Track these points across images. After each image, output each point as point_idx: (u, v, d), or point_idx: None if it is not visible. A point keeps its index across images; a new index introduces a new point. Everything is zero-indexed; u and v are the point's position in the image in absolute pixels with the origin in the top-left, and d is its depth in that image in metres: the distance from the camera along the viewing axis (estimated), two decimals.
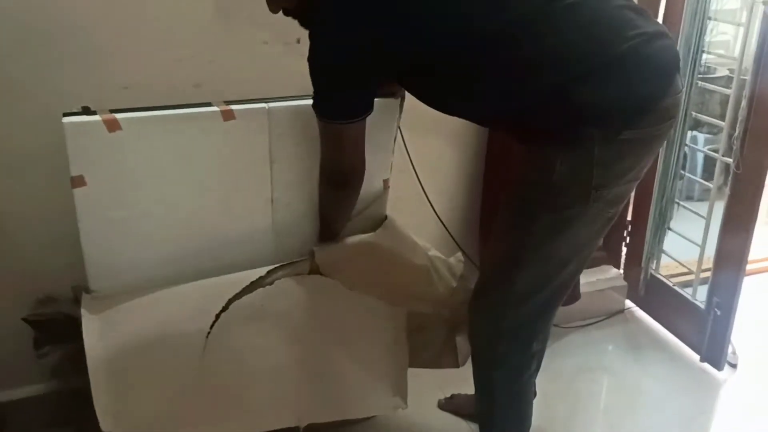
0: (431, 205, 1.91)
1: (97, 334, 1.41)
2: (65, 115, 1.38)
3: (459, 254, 1.70)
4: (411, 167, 1.84)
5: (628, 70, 1.24)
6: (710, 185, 2.19)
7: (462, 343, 1.70)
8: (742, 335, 2.21)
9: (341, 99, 1.36)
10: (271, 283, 1.51)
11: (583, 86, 1.24)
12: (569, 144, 1.28)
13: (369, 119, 1.43)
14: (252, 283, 1.49)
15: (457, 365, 1.73)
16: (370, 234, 1.60)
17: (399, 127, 1.70)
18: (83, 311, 1.43)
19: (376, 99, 1.46)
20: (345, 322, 1.61)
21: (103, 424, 1.33)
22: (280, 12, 1.42)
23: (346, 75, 1.33)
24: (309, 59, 1.33)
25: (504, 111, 1.35)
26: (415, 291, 1.62)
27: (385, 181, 1.69)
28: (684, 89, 1.36)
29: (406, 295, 1.62)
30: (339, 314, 1.60)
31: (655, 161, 2.24)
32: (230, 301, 1.46)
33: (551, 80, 1.25)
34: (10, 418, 1.77)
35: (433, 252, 1.66)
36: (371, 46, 1.29)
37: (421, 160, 1.86)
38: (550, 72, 1.25)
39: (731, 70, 2.82)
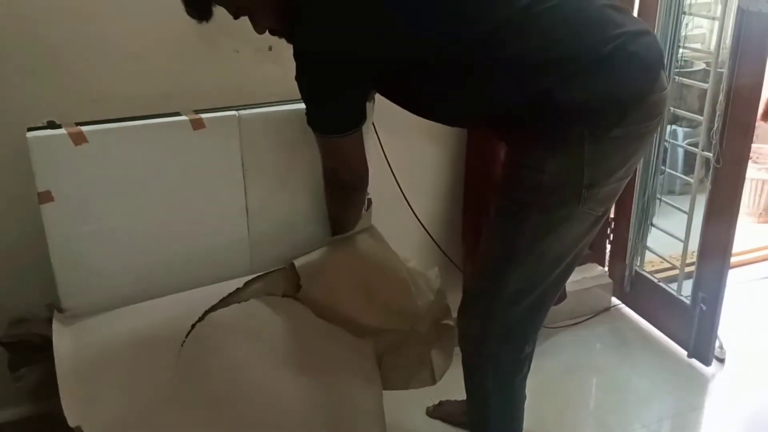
0: (411, 208, 1.89)
1: (67, 339, 1.38)
2: (29, 129, 1.35)
3: (436, 269, 1.67)
4: (389, 169, 1.83)
5: (615, 68, 1.24)
6: (691, 180, 2.18)
7: (437, 358, 1.67)
8: (728, 329, 2.20)
9: (334, 113, 1.37)
10: (246, 299, 1.47)
11: (570, 86, 1.23)
12: (558, 144, 1.27)
13: None
14: (229, 295, 1.45)
15: (433, 382, 1.68)
16: (350, 241, 1.56)
17: (375, 128, 1.68)
18: (55, 324, 1.40)
19: None
20: (316, 351, 1.54)
21: (70, 420, 1.29)
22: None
23: (335, 87, 1.33)
24: (297, 77, 1.32)
25: (492, 113, 1.34)
26: (394, 306, 1.58)
27: None
28: (669, 86, 1.35)
29: (386, 310, 1.58)
30: (309, 343, 1.53)
31: None
32: (206, 313, 1.43)
33: (539, 81, 1.24)
34: None
35: (412, 264, 1.63)
36: (359, 53, 1.28)
37: (398, 161, 1.84)
38: (537, 73, 1.24)
39: (708, 64, 2.83)
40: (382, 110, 1.62)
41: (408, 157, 1.91)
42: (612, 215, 2.41)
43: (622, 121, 1.25)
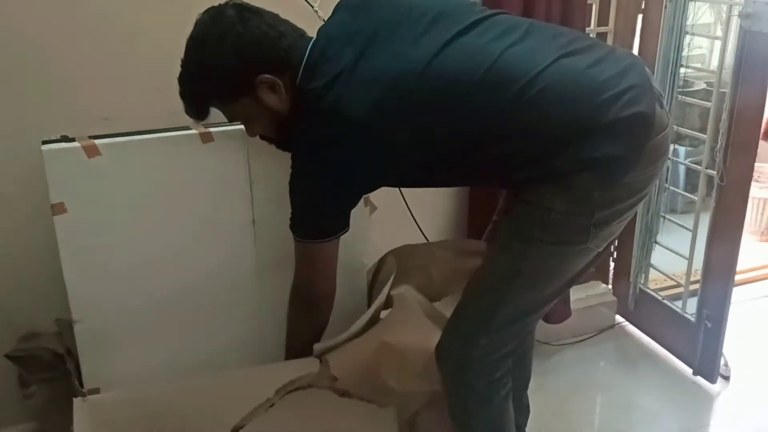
0: (417, 225, 1.91)
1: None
2: (44, 142, 1.38)
3: None
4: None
5: (617, 133, 1.24)
6: (694, 197, 2.20)
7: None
8: (733, 347, 2.20)
9: (321, 219, 1.39)
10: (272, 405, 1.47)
11: (577, 156, 1.25)
12: (567, 187, 1.27)
13: None
14: (257, 408, 1.46)
15: None
16: (378, 325, 1.58)
17: None
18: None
19: None
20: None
21: None
22: None
23: (338, 194, 1.35)
24: (292, 181, 1.36)
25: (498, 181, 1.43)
26: (424, 373, 1.56)
27: (366, 199, 1.69)
28: (670, 122, 1.37)
29: (415, 377, 1.57)
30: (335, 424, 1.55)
31: None
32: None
33: (545, 162, 1.27)
34: None
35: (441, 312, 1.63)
36: (374, 167, 1.33)
37: None
38: (541, 157, 1.27)
39: (708, 83, 2.86)
40: None
41: None
42: None
43: (630, 172, 1.26)
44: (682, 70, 2.12)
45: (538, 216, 1.30)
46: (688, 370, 2.21)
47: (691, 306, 2.20)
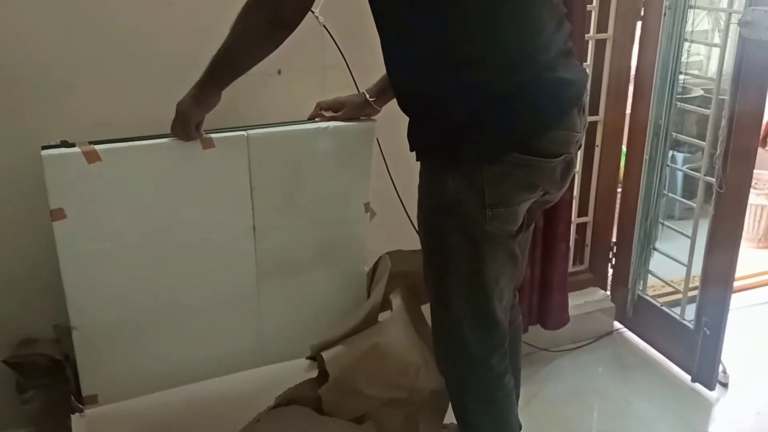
0: (417, 232, 1.90)
1: None
2: (44, 148, 1.37)
3: None
4: (395, 194, 1.84)
5: (524, 100, 1.24)
6: (692, 204, 2.20)
7: (425, 424, 1.66)
8: (732, 354, 2.20)
9: None
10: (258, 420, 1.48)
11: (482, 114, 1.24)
12: (456, 161, 1.28)
13: (346, 143, 1.40)
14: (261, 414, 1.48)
15: None
16: (377, 332, 1.60)
17: (379, 144, 1.70)
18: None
19: (354, 123, 1.45)
20: None
21: None
22: None
23: None
24: None
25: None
26: (403, 385, 1.62)
27: (366, 205, 1.69)
28: (584, 130, 1.37)
29: (392, 387, 1.62)
30: None
31: (636, 181, 2.26)
32: None
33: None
34: None
35: None
36: None
37: (405, 186, 1.86)
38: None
39: (706, 90, 2.87)
40: (388, 135, 1.66)
41: (414, 178, 1.93)
42: (614, 239, 2.42)
43: (518, 148, 1.25)
44: (681, 77, 2.13)
45: (437, 197, 1.32)
46: (687, 377, 2.21)
47: (690, 313, 2.20)
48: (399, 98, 1.37)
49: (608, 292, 2.47)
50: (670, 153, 2.25)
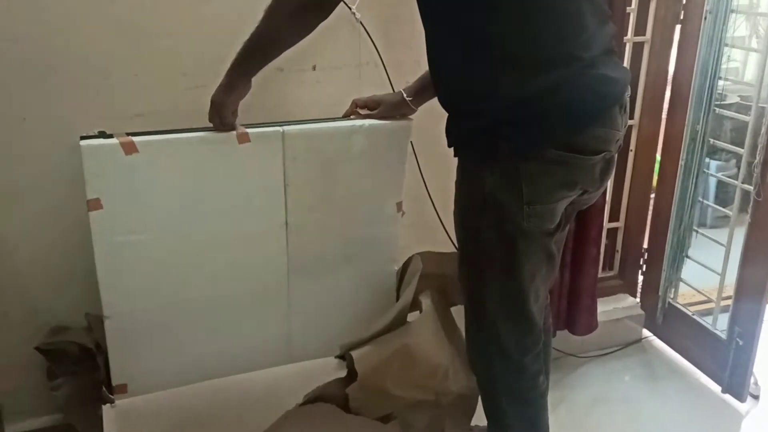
0: (446, 232, 1.89)
1: None
2: (82, 138, 1.39)
3: None
4: (425, 193, 1.84)
5: (564, 96, 1.23)
6: (727, 212, 2.16)
7: (450, 428, 1.66)
8: (764, 365, 2.16)
9: None
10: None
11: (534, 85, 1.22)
12: (493, 157, 1.27)
13: (381, 141, 1.39)
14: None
15: None
16: (407, 333, 1.60)
17: (414, 151, 1.69)
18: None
19: (389, 122, 1.44)
20: None
21: None
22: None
23: None
24: None
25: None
26: (429, 387, 1.61)
27: (398, 204, 1.68)
28: (624, 128, 1.35)
29: (419, 389, 1.61)
30: None
31: (671, 187, 2.23)
32: None
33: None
34: None
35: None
36: None
37: (435, 182, 1.85)
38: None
39: (742, 97, 2.82)
40: (421, 135, 1.66)
41: (447, 182, 1.92)
42: (645, 246, 2.39)
43: (557, 145, 1.24)
44: (720, 82, 2.09)
45: (475, 191, 1.31)
46: (717, 388, 2.17)
47: (722, 322, 2.16)
48: (439, 94, 1.36)
49: (638, 299, 2.44)
50: (707, 160, 2.21)
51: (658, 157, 2.32)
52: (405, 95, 1.58)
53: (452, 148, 1.35)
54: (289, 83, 1.74)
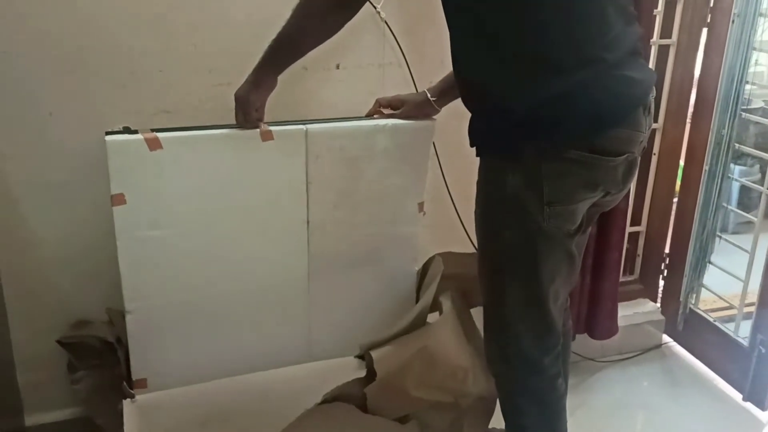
0: (466, 233, 1.89)
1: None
2: (107, 133, 1.40)
3: None
4: (446, 193, 1.83)
5: (587, 96, 1.22)
6: (752, 218, 2.13)
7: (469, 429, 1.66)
8: None
9: None
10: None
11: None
12: (515, 157, 1.27)
13: (404, 141, 1.38)
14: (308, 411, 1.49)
15: None
16: (428, 334, 1.60)
17: (436, 151, 1.69)
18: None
19: (413, 122, 1.42)
20: None
21: None
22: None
23: None
24: None
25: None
26: (447, 387, 1.61)
27: (420, 205, 1.68)
28: (648, 130, 1.34)
29: (438, 390, 1.61)
30: None
31: (694, 192, 2.20)
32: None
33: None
34: None
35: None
36: None
37: (457, 187, 1.85)
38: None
39: (766, 102, 2.78)
40: (442, 136, 1.65)
41: (468, 183, 1.91)
42: (667, 251, 2.37)
43: (579, 145, 1.23)
44: (747, 87, 2.06)
45: (496, 191, 1.30)
46: (738, 396, 2.14)
47: (744, 330, 2.13)
48: (462, 93, 1.36)
49: (658, 304, 2.41)
50: (732, 166, 2.19)
51: (682, 161, 2.30)
52: (429, 95, 1.57)
53: (474, 148, 1.35)
54: (313, 81, 1.74)
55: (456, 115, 1.60)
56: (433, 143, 1.68)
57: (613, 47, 1.24)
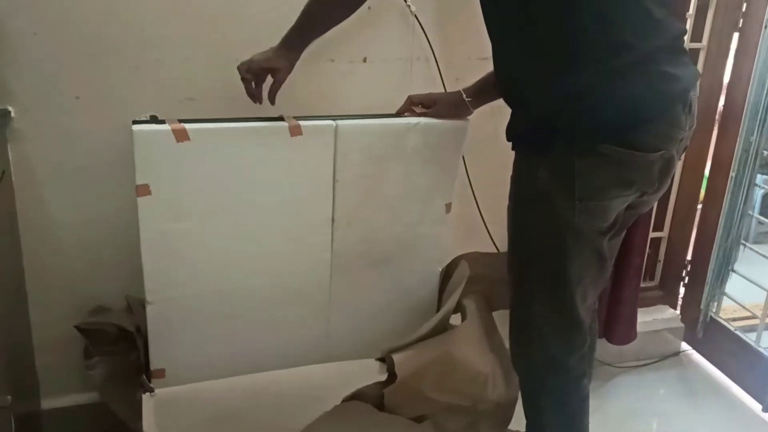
0: (489, 234, 1.86)
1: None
2: (134, 122, 1.37)
3: None
4: (470, 193, 1.81)
5: (622, 91, 1.20)
6: None
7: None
8: None
9: None
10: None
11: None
12: (547, 151, 1.25)
13: (435, 141, 1.35)
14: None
15: None
16: (449, 339, 1.58)
17: (463, 157, 1.66)
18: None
19: (445, 121, 1.39)
20: None
21: None
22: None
23: None
24: None
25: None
26: (466, 393, 1.59)
27: (448, 206, 1.65)
28: (690, 130, 1.31)
29: (455, 394, 1.59)
30: None
31: (719, 199, 2.17)
32: None
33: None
34: (49, 427, 1.74)
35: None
36: None
37: (482, 188, 1.82)
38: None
39: None
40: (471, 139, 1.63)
41: (491, 180, 1.89)
42: (689, 257, 2.34)
43: (611, 140, 1.21)
44: None
45: (528, 186, 1.30)
46: (757, 406, 2.12)
47: (766, 340, 2.11)
48: (499, 88, 1.36)
49: (678, 312, 2.39)
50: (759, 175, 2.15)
51: (708, 167, 2.26)
52: (464, 95, 1.54)
53: (510, 143, 1.34)
54: (339, 74, 1.72)
55: (483, 115, 1.59)
56: None
57: (646, 36, 1.21)
